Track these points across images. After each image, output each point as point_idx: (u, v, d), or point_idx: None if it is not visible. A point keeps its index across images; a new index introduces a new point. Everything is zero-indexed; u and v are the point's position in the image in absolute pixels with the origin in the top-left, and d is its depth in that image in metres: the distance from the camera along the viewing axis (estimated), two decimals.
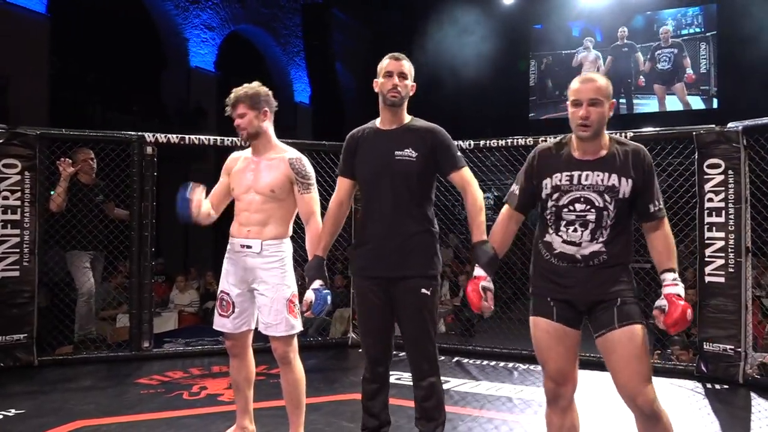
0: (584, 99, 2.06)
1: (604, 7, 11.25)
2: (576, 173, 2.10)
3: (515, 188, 2.24)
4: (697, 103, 11.89)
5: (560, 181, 2.12)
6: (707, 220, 3.99)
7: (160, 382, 3.88)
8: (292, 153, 2.76)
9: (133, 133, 4.41)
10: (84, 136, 4.41)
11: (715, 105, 11.61)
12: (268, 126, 2.73)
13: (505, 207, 2.27)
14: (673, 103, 12.08)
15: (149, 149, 4.36)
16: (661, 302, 2.05)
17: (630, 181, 2.06)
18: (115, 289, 5.95)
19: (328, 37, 11.27)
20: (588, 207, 2.08)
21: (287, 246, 2.77)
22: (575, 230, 2.08)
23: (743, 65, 9.23)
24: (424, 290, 2.39)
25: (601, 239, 2.07)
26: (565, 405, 2.16)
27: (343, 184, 2.57)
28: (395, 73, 2.42)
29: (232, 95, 2.69)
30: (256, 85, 2.72)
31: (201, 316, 6.48)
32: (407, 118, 2.49)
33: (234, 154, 2.84)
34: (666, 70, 11.76)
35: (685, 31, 11.70)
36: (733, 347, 3.92)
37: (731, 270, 3.91)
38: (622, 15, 11.59)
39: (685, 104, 11.96)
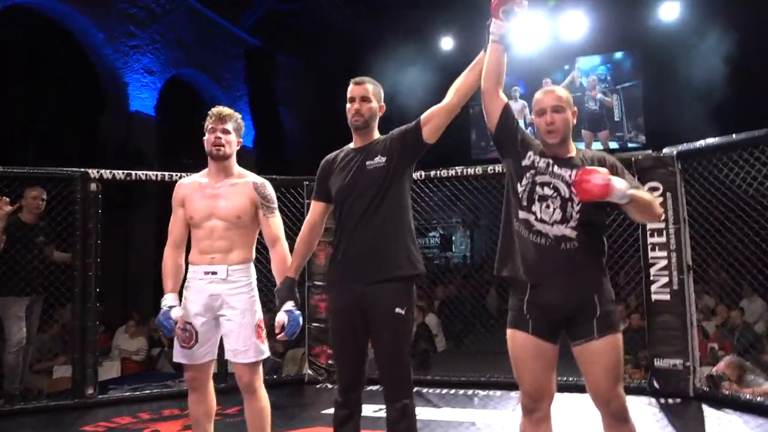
0: (548, 106, 2.17)
1: (524, 62, 11.57)
2: (551, 161, 2.18)
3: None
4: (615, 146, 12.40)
5: (537, 163, 2.18)
6: (650, 240, 4.17)
7: (108, 428, 3.67)
8: (255, 177, 2.75)
9: (76, 169, 4.27)
10: (24, 173, 4.23)
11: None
12: (234, 154, 2.73)
13: None
14: (597, 148, 12.52)
15: (93, 186, 4.22)
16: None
17: None
18: (51, 339, 5.62)
19: (271, 82, 11.34)
20: (554, 194, 2.13)
21: (252, 270, 2.73)
22: (547, 206, 2.11)
23: (667, 104, 9.83)
24: (398, 309, 2.33)
25: (570, 225, 2.10)
26: (540, 416, 2.15)
27: (316, 207, 2.56)
28: (357, 98, 2.45)
29: (221, 109, 2.67)
30: (237, 114, 2.73)
31: (147, 364, 6.19)
32: (377, 136, 2.51)
33: (183, 181, 2.77)
34: (593, 116, 12.24)
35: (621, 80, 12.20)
36: (681, 362, 4.06)
37: (675, 287, 4.09)
38: (543, 70, 11.95)
39: (607, 150, 12.43)
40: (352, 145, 2.53)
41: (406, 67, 10.97)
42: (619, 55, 11.75)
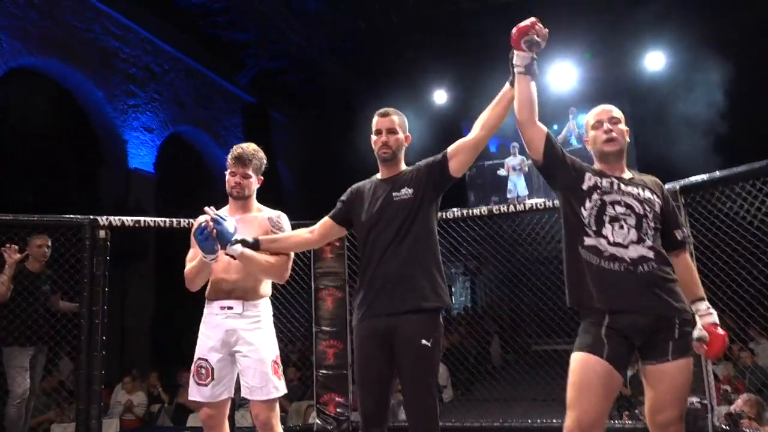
0: (605, 118, 2.20)
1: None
2: (615, 180, 2.13)
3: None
4: None
5: (600, 183, 2.11)
6: None
7: None
8: (271, 212, 2.77)
9: (84, 216, 4.26)
10: (33, 222, 4.22)
11: None
12: (255, 191, 2.78)
13: None
14: None
15: (102, 233, 4.22)
16: (701, 333, 2.03)
17: (658, 201, 2.11)
18: (47, 393, 5.47)
19: (268, 136, 11.51)
20: (628, 211, 2.05)
21: (268, 306, 2.71)
22: (621, 227, 2.02)
23: (658, 144, 10.06)
24: (424, 341, 2.27)
25: (647, 243, 2.02)
26: None
27: (325, 223, 2.57)
28: (384, 130, 2.47)
29: (242, 151, 2.68)
30: (260, 151, 2.75)
31: (146, 421, 6.01)
32: (405, 168, 2.53)
33: (201, 218, 2.78)
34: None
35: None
36: (699, 400, 4.00)
37: None
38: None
39: None
40: (379, 176, 2.54)
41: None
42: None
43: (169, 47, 10.31)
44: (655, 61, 10.54)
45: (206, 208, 2.45)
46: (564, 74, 10.74)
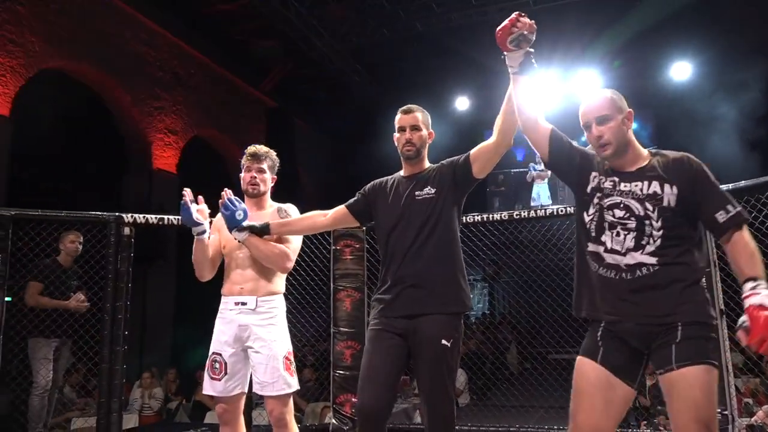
0: (591, 119, 1.95)
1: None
2: (617, 179, 1.93)
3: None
4: None
5: (603, 184, 1.94)
6: None
7: None
8: (281, 205, 2.82)
9: (110, 213, 4.35)
10: (60, 218, 4.31)
11: None
12: (269, 190, 2.83)
13: None
14: None
15: (126, 230, 4.29)
16: (743, 319, 1.72)
17: (674, 188, 1.85)
18: (71, 388, 5.57)
19: (291, 142, 11.62)
20: (627, 215, 1.89)
21: (282, 302, 2.74)
22: (618, 234, 1.87)
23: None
24: (444, 341, 2.23)
25: (647, 250, 1.84)
26: None
27: (340, 210, 2.59)
28: (407, 127, 2.45)
29: (256, 148, 2.76)
30: (273, 152, 2.82)
31: (164, 417, 6.08)
32: (428, 165, 2.51)
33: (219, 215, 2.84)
34: None
35: None
36: (720, 410, 3.94)
37: None
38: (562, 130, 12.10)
39: None
40: (402, 173, 2.52)
41: None
42: (633, 126, 11.91)
43: (196, 52, 10.48)
44: (681, 70, 10.45)
45: (225, 191, 2.52)
46: (590, 83, 10.68)
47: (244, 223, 2.50)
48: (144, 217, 4.39)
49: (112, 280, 4.22)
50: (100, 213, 4.35)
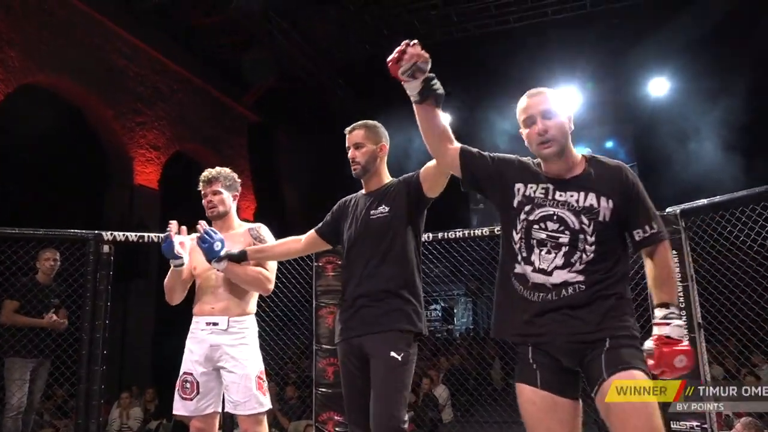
0: (537, 113, 1.84)
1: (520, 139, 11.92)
2: (551, 186, 1.84)
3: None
4: None
5: (534, 192, 1.84)
6: None
7: None
8: (251, 225, 2.83)
9: (89, 231, 4.31)
10: (39, 236, 4.26)
11: None
12: (233, 207, 2.83)
13: None
14: None
15: (106, 248, 4.25)
16: (649, 345, 1.73)
17: (611, 202, 1.79)
18: (47, 410, 5.46)
19: (273, 156, 11.61)
20: (561, 227, 1.79)
21: (253, 322, 2.76)
22: (548, 252, 1.78)
23: (660, 170, 10.10)
24: (393, 353, 2.23)
25: (576, 267, 1.77)
26: None
27: (310, 234, 2.61)
28: (351, 146, 2.46)
29: (208, 173, 2.77)
30: (228, 170, 2.83)
31: None
32: (388, 179, 2.49)
33: (191, 235, 2.84)
34: None
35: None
36: (698, 424, 3.99)
37: None
38: None
39: None
40: (363, 190, 2.54)
41: (405, 142, 11.29)
42: (609, 144, 12.10)
43: (178, 67, 10.45)
44: (659, 86, 10.63)
45: (200, 223, 2.53)
46: (569, 97, 10.81)
47: (222, 253, 2.53)
48: (124, 234, 4.36)
49: (90, 298, 4.17)
50: (78, 231, 4.31)
